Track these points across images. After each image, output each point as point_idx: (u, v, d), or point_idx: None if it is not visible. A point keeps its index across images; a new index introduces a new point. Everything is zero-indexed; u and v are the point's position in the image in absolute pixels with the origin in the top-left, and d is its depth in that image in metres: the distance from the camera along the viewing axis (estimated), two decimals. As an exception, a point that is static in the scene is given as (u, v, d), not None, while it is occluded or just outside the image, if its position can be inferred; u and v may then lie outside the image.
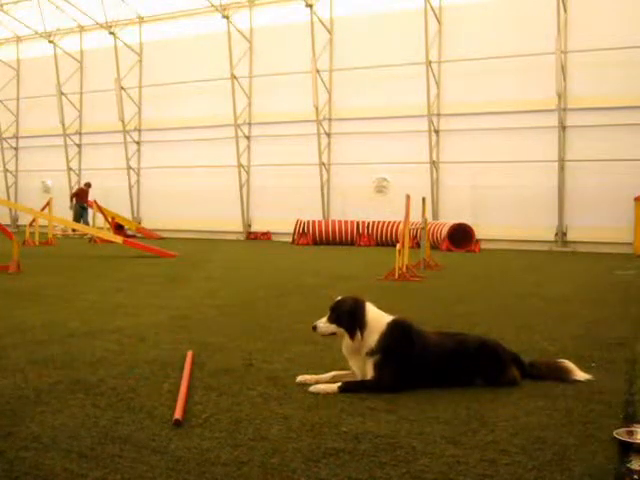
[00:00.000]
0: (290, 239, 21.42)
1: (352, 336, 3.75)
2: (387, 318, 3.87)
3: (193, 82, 24.64)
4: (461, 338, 4.05)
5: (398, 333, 3.80)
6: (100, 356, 4.50)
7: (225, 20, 23.71)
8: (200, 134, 24.76)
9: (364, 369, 3.75)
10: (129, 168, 27.04)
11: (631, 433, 2.93)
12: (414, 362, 3.76)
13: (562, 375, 3.98)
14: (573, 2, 19.05)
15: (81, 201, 23.64)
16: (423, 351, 3.81)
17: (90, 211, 23.28)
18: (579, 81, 19.04)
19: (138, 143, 27.14)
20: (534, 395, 3.66)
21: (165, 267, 12.01)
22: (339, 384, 3.69)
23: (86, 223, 22.62)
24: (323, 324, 3.85)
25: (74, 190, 24.01)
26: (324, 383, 3.76)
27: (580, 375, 3.98)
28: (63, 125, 28.27)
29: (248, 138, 24.56)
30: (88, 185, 24.25)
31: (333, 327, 3.82)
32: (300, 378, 3.86)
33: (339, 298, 3.91)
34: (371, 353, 3.73)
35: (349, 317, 3.77)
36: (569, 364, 4.06)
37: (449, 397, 3.59)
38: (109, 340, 5.07)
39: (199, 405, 3.40)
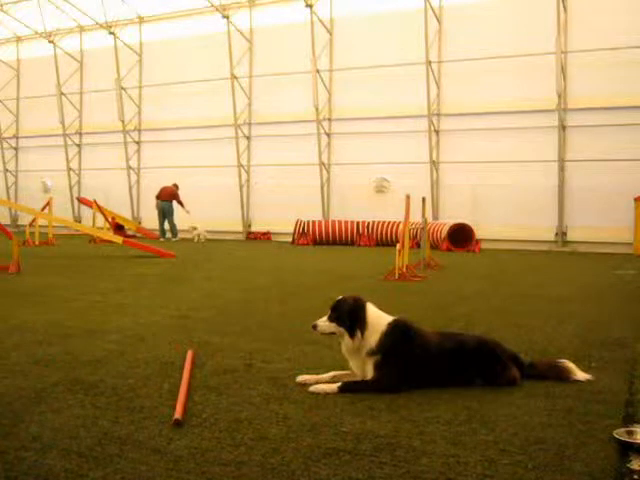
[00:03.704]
0: (290, 239, 21.41)
1: (352, 336, 3.75)
2: (388, 318, 3.87)
3: (193, 82, 24.63)
4: (461, 338, 4.06)
5: (399, 333, 3.81)
6: (100, 356, 4.50)
7: (225, 20, 23.71)
8: (200, 134, 24.75)
9: (364, 369, 3.76)
10: (129, 168, 27.05)
11: (631, 433, 2.93)
12: (414, 362, 3.76)
13: (562, 375, 3.98)
14: (573, 2, 19.04)
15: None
16: (423, 351, 3.82)
17: (90, 211, 23.24)
18: (579, 81, 19.03)
19: (138, 143, 27.14)
20: (534, 395, 3.66)
21: (165, 267, 12.01)
22: (339, 384, 3.70)
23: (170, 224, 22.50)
24: (323, 323, 3.85)
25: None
26: (324, 383, 3.76)
27: (580, 375, 3.98)
28: (63, 125, 28.26)
29: (248, 138, 24.56)
30: (175, 186, 22.94)
31: (333, 326, 3.82)
32: (300, 378, 3.86)
33: (340, 297, 3.91)
34: (371, 353, 3.73)
35: (349, 317, 3.77)
36: (569, 364, 4.06)
37: (449, 397, 3.60)
38: (109, 340, 5.07)
39: (199, 405, 3.40)
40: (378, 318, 3.85)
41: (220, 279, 10.21)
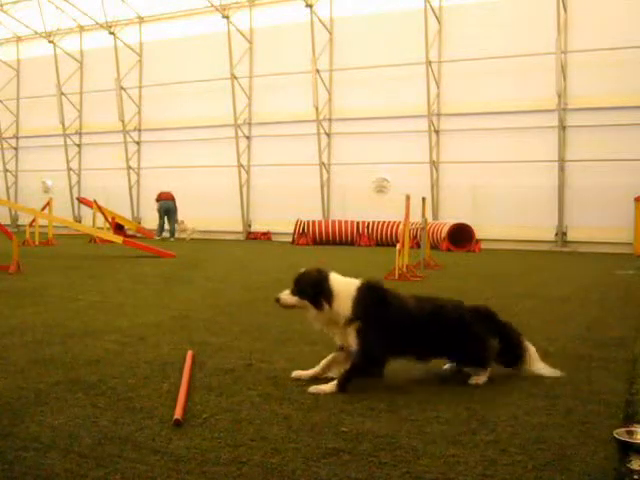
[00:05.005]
0: (290, 239, 21.42)
1: (318, 307, 3.71)
2: (356, 283, 3.83)
3: (193, 82, 24.66)
4: (440, 303, 4.05)
5: (370, 295, 3.77)
6: (100, 356, 4.50)
7: (225, 20, 23.73)
8: (200, 134, 24.77)
9: (347, 340, 3.73)
10: (129, 168, 27.05)
11: (631, 433, 2.93)
12: (393, 323, 3.73)
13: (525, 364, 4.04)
14: (573, 2, 19.06)
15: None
16: (400, 312, 3.79)
17: (90, 211, 23.26)
18: (579, 81, 19.05)
19: (138, 143, 27.15)
20: (534, 395, 3.66)
21: (165, 267, 12.00)
22: (335, 382, 3.68)
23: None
24: (286, 295, 3.80)
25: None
26: (323, 383, 3.75)
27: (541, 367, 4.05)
28: (63, 125, 28.28)
29: (248, 138, 24.57)
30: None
31: (295, 299, 3.76)
32: (295, 373, 3.91)
33: (302, 270, 3.87)
34: (349, 321, 3.69)
35: (312, 288, 3.72)
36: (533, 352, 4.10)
37: (449, 397, 3.60)
38: (109, 340, 5.07)
39: (199, 405, 3.40)
40: (345, 284, 3.80)
41: (220, 279, 10.21)
